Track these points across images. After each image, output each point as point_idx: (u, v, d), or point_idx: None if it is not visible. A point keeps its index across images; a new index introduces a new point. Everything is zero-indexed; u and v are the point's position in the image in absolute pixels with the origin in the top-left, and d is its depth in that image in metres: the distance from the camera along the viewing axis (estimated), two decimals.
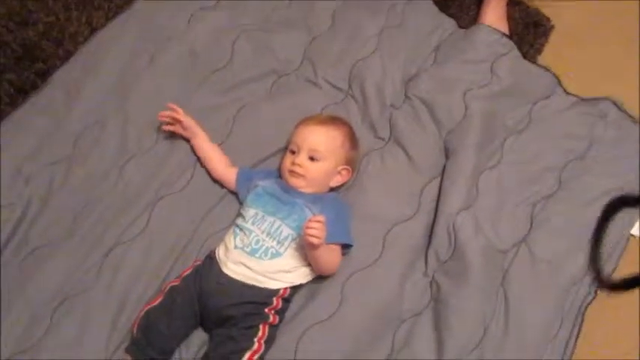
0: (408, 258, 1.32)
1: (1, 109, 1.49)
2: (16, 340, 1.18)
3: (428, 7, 1.65)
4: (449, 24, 1.62)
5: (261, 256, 1.23)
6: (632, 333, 1.31)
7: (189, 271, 1.26)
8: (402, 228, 1.35)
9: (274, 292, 1.22)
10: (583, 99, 1.52)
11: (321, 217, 1.19)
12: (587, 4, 1.73)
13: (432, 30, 1.61)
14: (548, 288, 1.29)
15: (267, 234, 1.26)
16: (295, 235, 1.25)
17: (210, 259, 1.26)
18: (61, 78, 1.51)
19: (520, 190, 1.40)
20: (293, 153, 1.34)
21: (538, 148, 1.45)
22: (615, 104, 1.50)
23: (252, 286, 1.21)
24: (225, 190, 1.40)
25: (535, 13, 1.70)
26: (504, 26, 1.64)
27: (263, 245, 1.24)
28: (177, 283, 1.24)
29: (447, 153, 1.43)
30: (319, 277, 1.28)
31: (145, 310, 1.20)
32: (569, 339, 1.26)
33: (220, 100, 1.51)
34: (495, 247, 1.32)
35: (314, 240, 1.17)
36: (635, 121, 1.49)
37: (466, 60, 1.52)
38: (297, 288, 1.26)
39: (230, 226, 1.32)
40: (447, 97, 1.47)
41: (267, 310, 1.20)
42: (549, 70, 1.55)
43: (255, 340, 1.17)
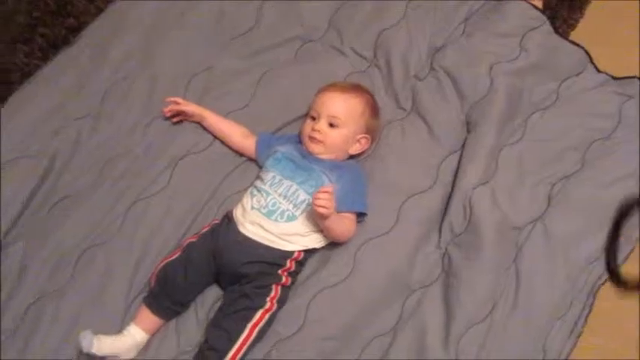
0: (422, 229, 1.33)
1: (34, 62, 1.54)
2: (42, 284, 1.25)
3: None
4: None
5: (277, 219, 1.26)
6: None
7: (207, 229, 1.29)
8: (418, 199, 1.36)
9: (288, 254, 1.25)
10: (613, 78, 1.48)
11: (330, 188, 1.21)
12: None
13: (462, 1, 1.57)
14: (560, 267, 1.29)
15: (284, 197, 1.28)
16: (311, 201, 1.26)
17: (228, 218, 1.29)
18: (91, 34, 1.54)
19: (540, 168, 1.38)
20: (313, 119, 1.35)
21: (563, 126, 1.43)
22: None
23: (267, 247, 1.24)
24: None
25: None
26: (538, 0, 1.60)
27: (279, 207, 1.26)
28: (194, 239, 1.28)
29: (469, 127, 1.43)
30: (333, 244, 1.30)
31: (163, 264, 1.25)
32: (578, 319, 1.26)
33: (245, 64, 1.52)
34: (510, 224, 1.32)
35: (323, 210, 1.18)
36: None
37: (495, 33, 1.49)
38: (310, 252, 1.29)
39: (248, 187, 1.35)
40: (472, 70, 1.45)
41: (280, 272, 1.23)
42: (581, 47, 1.51)
43: (268, 300, 1.20)
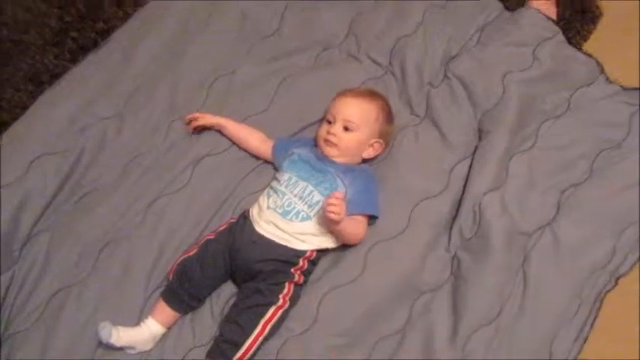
0: (432, 233, 1.36)
1: (63, 64, 1.60)
2: (64, 275, 1.30)
3: None
4: (495, 6, 1.62)
5: (292, 218, 1.30)
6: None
7: (224, 227, 1.34)
8: (429, 203, 1.38)
9: (301, 253, 1.28)
10: (625, 88, 1.50)
11: (341, 194, 1.24)
12: None
13: (477, 11, 1.61)
14: (568, 273, 1.31)
15: (300, 198, 1.32)
16: (323, 205, 1.29)
17: (245, 217, 1.34)
18: (119, 38, 1.60)
19: (551, 176, 1.40)
20: (329, 123, 1.39)
21: (574, 134, 1.45)
22: None
23: (281, 245, 1.28)
24: None
25: None
26: (552, 11, 1.62)
27: (295, 208, 1.30)
28: (212, 236, 1.32)
29: (481, 134, 1.45)
30: (345, 245, 1.33)
31: (181, 259, 1.29)
32: (584, 324, 1.28)
33: (266, 69, 1.57)
34: (519, 229, 1.34)
35: (333, 216, 1.22)
36: None
37: (509, 42, 1.52)
38: (323, 252, 1.32)
39: (265, 188, 1.39)
40: (485, 79, 1.48)
41: (293, 270, 1.27)
42: (593, 57, 1.53)
43: (281, 297, 1.24)
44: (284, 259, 1.27)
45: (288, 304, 1.25)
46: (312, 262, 1.31)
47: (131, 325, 1.24)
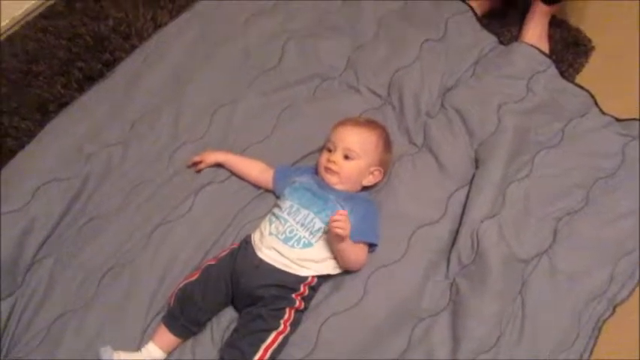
0: (430, 259, 1.38)
1: (70, 94, 1.64)
2: (67, 300, 1.31)
3: (471, 23, 1.71)
4: (490, 40, 1.68)
5: (294, 245, 1.31)
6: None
7: (225, 253, 1.35)
8: (427, 230, 1.40)
9: (302, 279, 1.30)
10: (618, 119, 1.54)
11: (345, 212, 1.27)
12: (631, 26, 1.76)
13: (473, 45, 1.67)
14: (566, 301, 1.32)
15: (302, 225, 1.34)
16: (327, 229, 1.32)
17: (246, 243, 1.35)
18: (125, 69, 1.65)
19: (546, 204, 1.43)
20: (330, 151, 1.42)
21: (569, 164, 1.48)
22: None
23: (283, 271, 1.29)
24: None
25: (576, 33, 1.73)
26: (545, 45, 1.68)
27: (296, 234, 1.32)
28: (214, 262, 1.33)
29: (477, 163, 1.48)
30: (345, 271, 1.34)
31: (183, 284, 1.30)
32: (583, 351, 1.28)
33: (267, 100, 1.61)
34: (517, 257, 1.36)
35: (340, 231, 1.24)
36: None
37: (503, 75, 1.57)
38: (323, 278, 1.33)
39: (266, 215, 1.41)
40: (481, 110, 1.52)
41: (294, 296, 1.28)
42: (585, 90, 1.58)
43: (282, 322, 1.24)
44: (285, 284, 1.28)
45: (289, 329, 1.25)
46: (313, 288, 1.32)
47: (132, 350, 1.24)
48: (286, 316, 1.26)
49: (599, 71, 1.68)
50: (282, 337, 1.24)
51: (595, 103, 1.57)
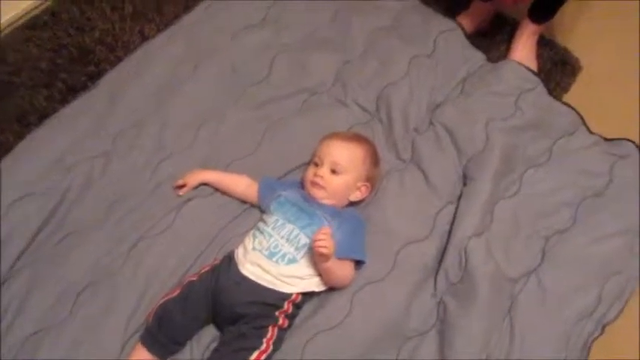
0: (417, 277, 1.35)
1: (53, 106, 1.61)
2: (42, 317, 1.26)
3: (459, 40, 1.71)
4: (478, 57, 1.68)
5: (278, 261, 1.28)
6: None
7: (207, 269, 1.32)
8: (414, 247, 1.38)
9: (286, 296, 1.26)
10: (605, 139, 1.54)
11: (328, 229, 1.24)
12: (619, 46, 1.78)
13: (461, 62, 1.67)
14: (554, 321, 1.30)
15: (287, 240, 1.31)
16: (311, 244, 1.29)
17: (229, 258, 1.32)
18: (109, 81, 1.63)
19: (535, 222, 1.42)
20: (316, 165, 1.40)
21: (557, 182, 1.48)
22: (637, 146, 1.52)
23: (266, 288, 1.26)
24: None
25: (564, 52, 1.75)
26: (533, 63, 1.69)
27: (281, 250, 1.29)
28: (195, 278, 1.30)
29: (465, 180, 1.47)
30: (330, 288, 1.31)
31: (162, 301, 1.26)
32: None
33: (253, 114, 1.59)
34: (505, 275, 1.34)
35: (323, 250, 1.21)
36: None
37: (492, 92, 1.57)
38: (308, 295, 1.30)
39: (251, 230, 1.38)
40: (469, 127, 1.52)
41: (277, 313, 1.25)
42: (573, 109, 1.58)
43: (264, 341, 1.21)
44: (269, 301, 1.25)
45: (271, 348, 1.22)
46: (297, 306, 1.29)
47: None
48: (269, 335, 1.22)
49: (586, 90, 1.69)
50: (264, 357, 1.20)
51: (583, 122, 1.57)
